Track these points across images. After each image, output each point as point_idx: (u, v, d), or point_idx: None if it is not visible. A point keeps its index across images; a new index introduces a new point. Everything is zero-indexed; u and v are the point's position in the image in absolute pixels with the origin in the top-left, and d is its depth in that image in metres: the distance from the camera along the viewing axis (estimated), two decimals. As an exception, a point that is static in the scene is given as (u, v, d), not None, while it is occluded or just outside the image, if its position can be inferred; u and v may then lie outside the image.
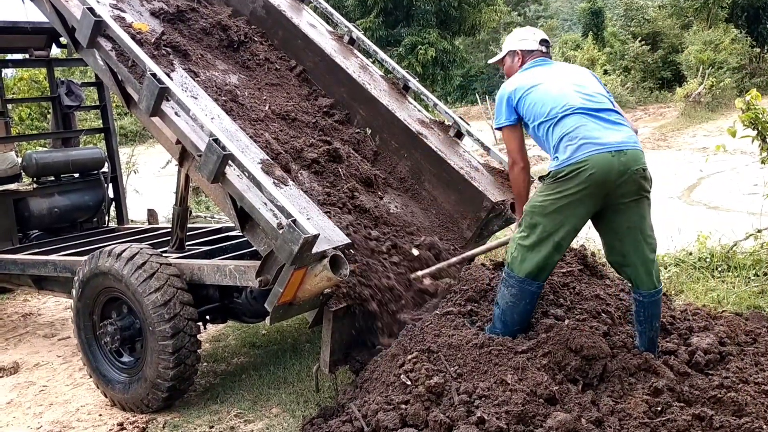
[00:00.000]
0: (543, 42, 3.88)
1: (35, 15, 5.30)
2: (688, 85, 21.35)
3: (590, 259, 4.41)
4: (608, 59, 27.92)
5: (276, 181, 3.69)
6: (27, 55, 7.10)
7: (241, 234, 5.38)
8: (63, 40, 6.69)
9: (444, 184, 4.80)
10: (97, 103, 7.42)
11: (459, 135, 5.12)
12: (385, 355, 3.70)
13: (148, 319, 4.07)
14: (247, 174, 3.49)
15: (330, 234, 3.61)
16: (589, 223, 3.61)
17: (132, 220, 8.09)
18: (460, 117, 5.20)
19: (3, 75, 6.88)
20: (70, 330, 6.02)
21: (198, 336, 4.23)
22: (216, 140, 3.50)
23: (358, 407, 3.37)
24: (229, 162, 3.53)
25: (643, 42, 27.81)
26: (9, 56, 8.13)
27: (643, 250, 3.49)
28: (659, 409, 3.14)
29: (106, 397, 4.55)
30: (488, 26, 28.15)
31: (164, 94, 3.72)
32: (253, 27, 5.51)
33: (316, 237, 3.33)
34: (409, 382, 3.31)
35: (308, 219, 3.47)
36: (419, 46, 24.51)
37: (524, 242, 3.50)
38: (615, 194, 3.39)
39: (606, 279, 4.35)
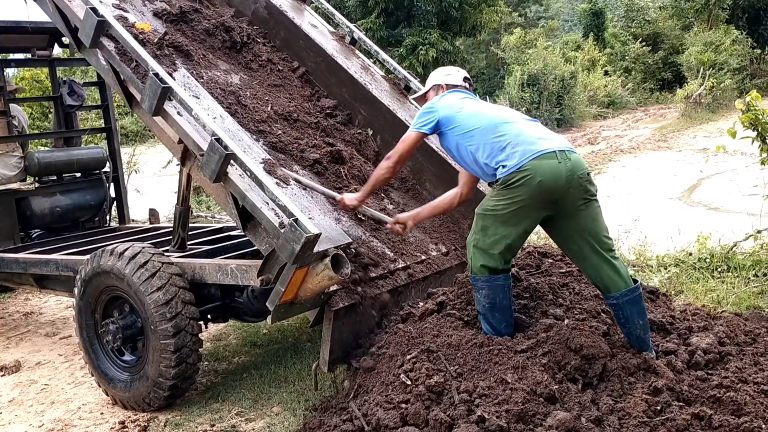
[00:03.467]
0: (466, 79, 4.10)
1: (37, 15, 5.31)
2: (689, 86, 21.34)
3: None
4: (609, 60, 27.96)
5: (278, 181, 3.71)
6: (29, 55, 7.12)
7: (242, 233, 5.42)
8: (65, 39, 6.74)
9: (445, 184, 4.80)
10: (99, 102, 7.43)
11: (460, 135, 5.13)
12: (383, 355, 3.71)
13: (150, 318, 4.08)
14: (249, 173, 3.50)
15: (332, 233, 3.63)
16: None
17: (133, 220, 8.10)
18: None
19: (5, 74, 6.88)
20: (72, 329, 6.06)
21: (199, 335, 4.25)
22: (218, 140, 3.51)
23: (359, 406, 3.38)
24: (231, 161, 3.54)
25: (643, 43, 27.84)
26: (11, 56, 8.15)
27: (600, 253, 3.53)
28: (659, 408, 3.14)
29: (107, 395, 4.56)
30: (489, 27, 28.14)
31: (167, 93, 3.74)
32: (255, 28, 5.53)
33: (317, 236, 3.34)
34: (409, 382, 3.32)
35: (310, 218, 3.49)
36: (420, 47, 24.52)
37: (478, 244, 3.58)
38: (564, 199, 3.46)
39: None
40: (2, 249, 5.89)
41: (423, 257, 4.43)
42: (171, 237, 5.16)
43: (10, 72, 10.60)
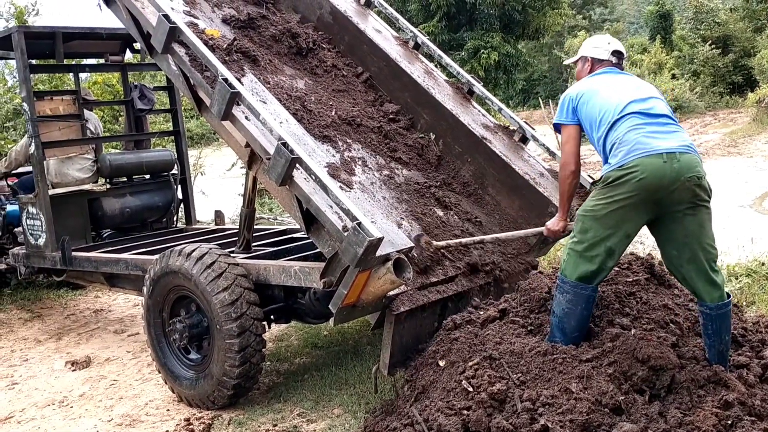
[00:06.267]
0: (615, 53, 3.87)
1: (110, 22, 5.48)
2: (761, 90, 20.56)
3: (657, 268, 4.31)
4: (676, 63, 27.21)
5: (341, 185, 3.74)
6: (102, 60, 7.34)
7: (304, 236, 5.48)
8: (137, 45, 6.93)
9: (508, 189, 4.78)
10: (167, 106, 7.61)
11: (524, 140, 5.08)
12: (440, 363, 3.70)
13: (216, 318, 4.17)
14: (314, 177, 3.55)
15: (394, 237, 3.65)
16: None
17: (198, 221, 8.28)
18: (525, 121, 5.17)
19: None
20: (139, 326, 6.24)
21: (263, 335, 4.31)
22: (284, 144, 3.57)
23: (420, 411, 3.38)
24: (297, 165, 3.59)
25: (713, 46, 27.01)
26: (84, 61, 8.44)
27: (701, 262, 3.40)
28: (729, 422, 3.05)
29: (173, 392, 4.68)
30: (552, 30, 27.80)
31: (235, 98, 3.82)
32: (320, 33, 5.59)
33: (380, 240, 3.36)
34: (470, 389, 3.31)
35: (373, 222, 3.50)
36: (482, 50, 24.40)
37: (576, 247, 3.49)
38: (668, 201, 3.34)
39: (674, 288, 4.24)
40: (75, 248, 6.09)
41: (487, 261, 4.40)
42: (236, 238, 5.25)
43: (82, 76, 10.99)
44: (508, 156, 4.83)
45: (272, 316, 4.70)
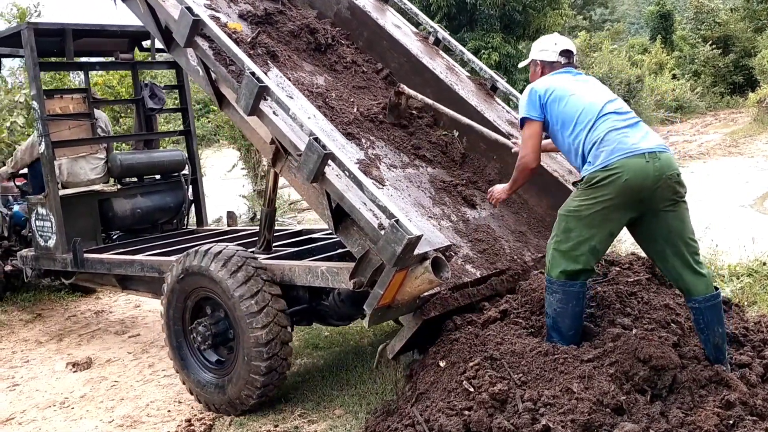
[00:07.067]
0: (564, 53, 3.84)
1: (118, 18, 5.33)
2: (762, 90, 20.59)
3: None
4: (677, 63, 27.24)
5: (374, 182, 3.62)
6: (111, 58, 7.19)
7: (320, 236, 5.37)
8: (145, 43, 6.81)
9: (537, 188, 4.68)
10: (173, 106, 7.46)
11: (551, 137, 4.97)
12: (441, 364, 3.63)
13: (245, 344, 4.05)
14: (347, 173, 3.43)
15: (430, 236, 3.54)
16: None
17: (204, 222, 8.15)
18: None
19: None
20: (140, 327, 6.28)
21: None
22: (316, 139, 3.45)
23: (421, 412, 3.33)
24: (329, 161, 3.47)
25: (713, 46, 27.04)
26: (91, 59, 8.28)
27: (684, 256, 3.44)
28: (731, 422, 3.03)
29: (184, 384, 4.54)
30: (553, 30, 27.68)
31: (263, 93, 3.69)
32: (338, 29, 5.47)
33: (419, 238, 3.25)
34: (471, 389, 3.28)
35: (409, 220, 3.38)
36: (482, 51, 24.27)
37: (560, 247, 3.49)
38: (651, 200, 3.38)
39: (675, 288, 4.18)
40: (86, 249, 5.95)
41: (516, 264, 4.29)
42: (256, 239, 5.14)
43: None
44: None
45: (294, 319, 4.56)
